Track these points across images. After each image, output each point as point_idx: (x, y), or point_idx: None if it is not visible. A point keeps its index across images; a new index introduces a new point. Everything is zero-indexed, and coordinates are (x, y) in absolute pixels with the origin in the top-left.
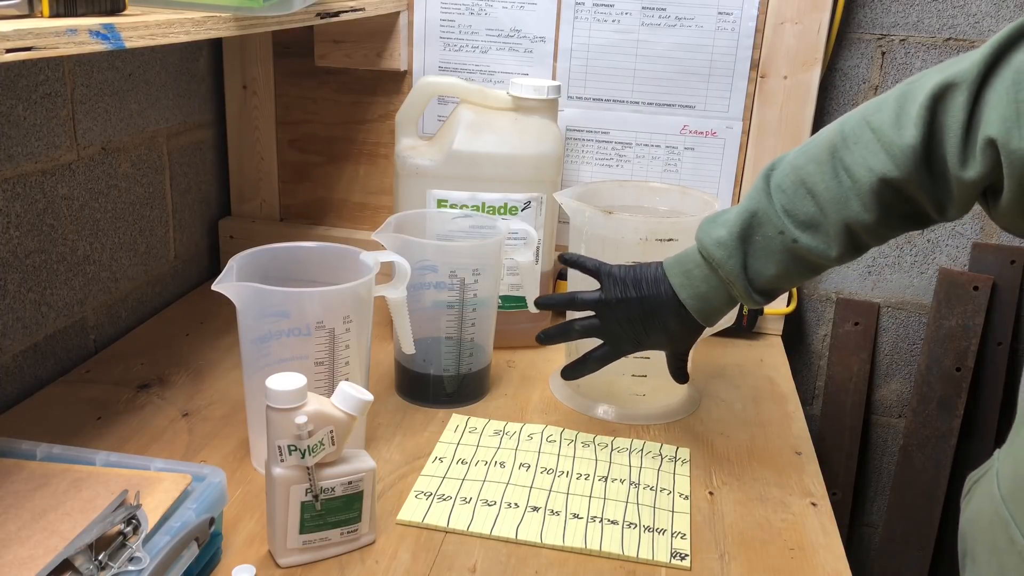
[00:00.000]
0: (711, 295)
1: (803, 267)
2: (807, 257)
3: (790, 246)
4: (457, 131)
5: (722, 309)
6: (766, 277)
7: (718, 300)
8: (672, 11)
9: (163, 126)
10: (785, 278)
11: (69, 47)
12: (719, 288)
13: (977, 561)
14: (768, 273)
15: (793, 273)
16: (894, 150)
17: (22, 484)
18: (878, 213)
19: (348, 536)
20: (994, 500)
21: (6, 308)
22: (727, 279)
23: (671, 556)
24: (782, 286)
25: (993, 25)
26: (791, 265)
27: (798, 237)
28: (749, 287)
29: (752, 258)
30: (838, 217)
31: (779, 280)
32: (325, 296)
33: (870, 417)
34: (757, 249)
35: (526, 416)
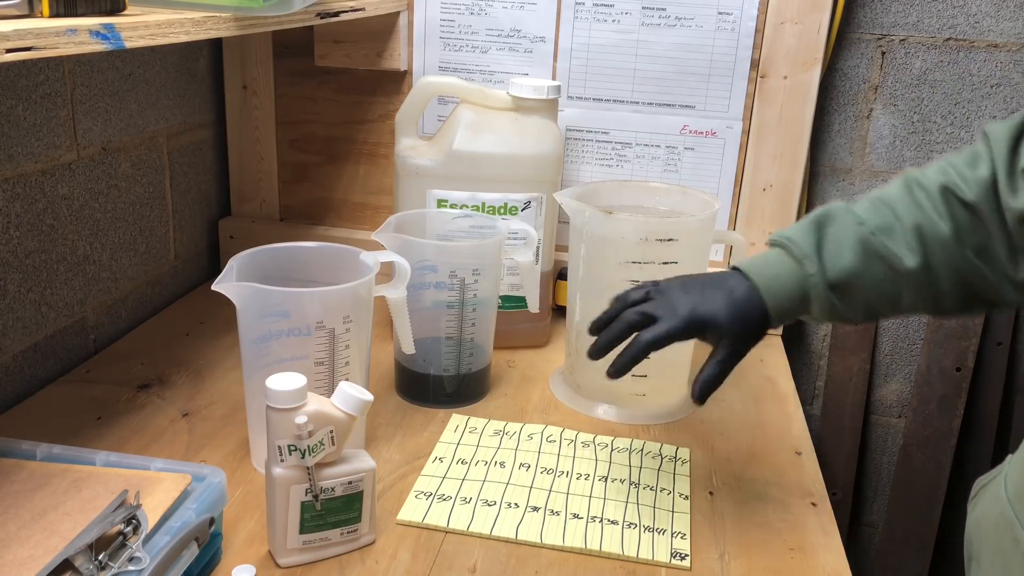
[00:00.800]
0: (783, 276)
1: (880, 271)
2: (885, 256)
3: (866, 236)
4: (457, 131)
5: (793, 298)
6: (842, 267)
7: (790, 283)
8: (672, 11)
9: (163, 126)
10: (861, 275)
11: (69, 47)
12: (793, 270)
13: (982, 563)
14: (844, 263)
15: (869, 273)
16: (966, 174)
17: (22, 484)
18: (951, 226)
19: (348, 536)
20: (1000, 502)
21: (6, 308)
22: (800, 257)
23: (671, 556)
24: (859, 287)
25: (993, 25)
26: (868, 262)
27: (875, 231)
28: (823, 272)
29: (827, 243)
30: (911, 220)
31: (856, 275)
32: (325, 296)
33: (870, 417)
34: (832, 235)
35: (526, 416)
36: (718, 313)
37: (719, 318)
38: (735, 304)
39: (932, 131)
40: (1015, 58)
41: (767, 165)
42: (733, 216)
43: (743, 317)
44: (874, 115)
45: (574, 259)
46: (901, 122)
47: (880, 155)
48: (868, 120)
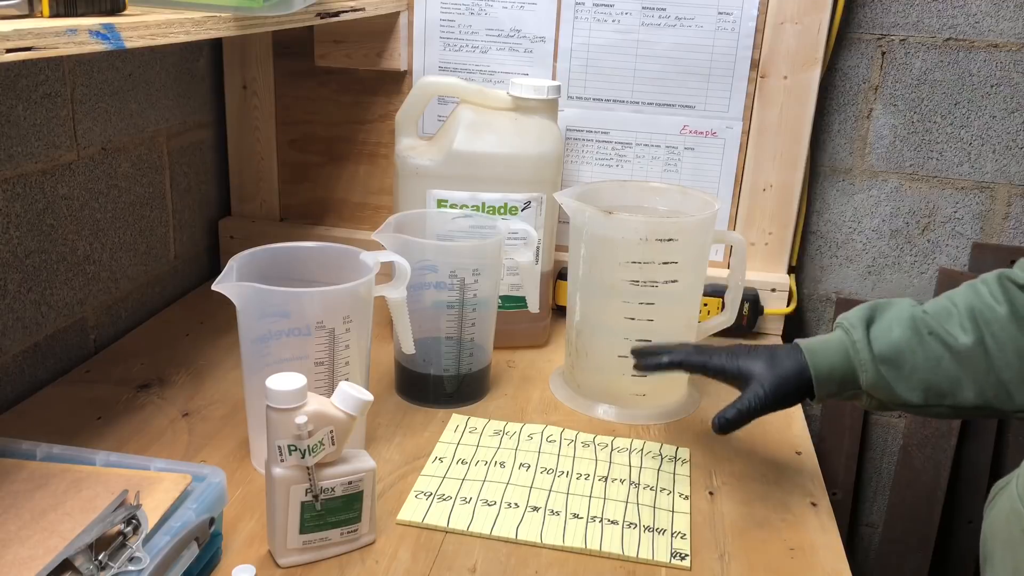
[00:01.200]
0: (831, 343)
1: (934, 348)
2: (938, 333)
3: (919, 315)
4: (457, 131)
5: (836, 365)
6: (890, 339)
7: (834, 349)
8: (672, 11)
9: (163, 126)
10: (913, 350)
11: (69, 47)
12: (840, 339)
13: (994, 561)
14: (893, 336)
15: (922, 349)
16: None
17: (22, 484)
18: (1008, 308)
19: (348, 536)
20: (1012, 499)
21: (6, 308)
22: (848, 328)
23: (671, 556)
24: (911, 363)
25: (993, 25)
26: (920, 338)
27: (929, 311)
28: (869, 342)
29: (880, 318)
30: (965, 304)
31: (906, 349)
32: (325, 296)
33: (870, 417)
34: (886, 313)
35: (526, 416)
36: (758, 362)
37: (758, 366)
38: (776, 360)
39: (932, 131)
40: (1015, 58)
41: (767, 165)
42: (733, 216)
43: (782, 374)
44: (874, 115)
45: (574, 259)
46: (901, 122)
47: (880, 155)
48: (868, 120)
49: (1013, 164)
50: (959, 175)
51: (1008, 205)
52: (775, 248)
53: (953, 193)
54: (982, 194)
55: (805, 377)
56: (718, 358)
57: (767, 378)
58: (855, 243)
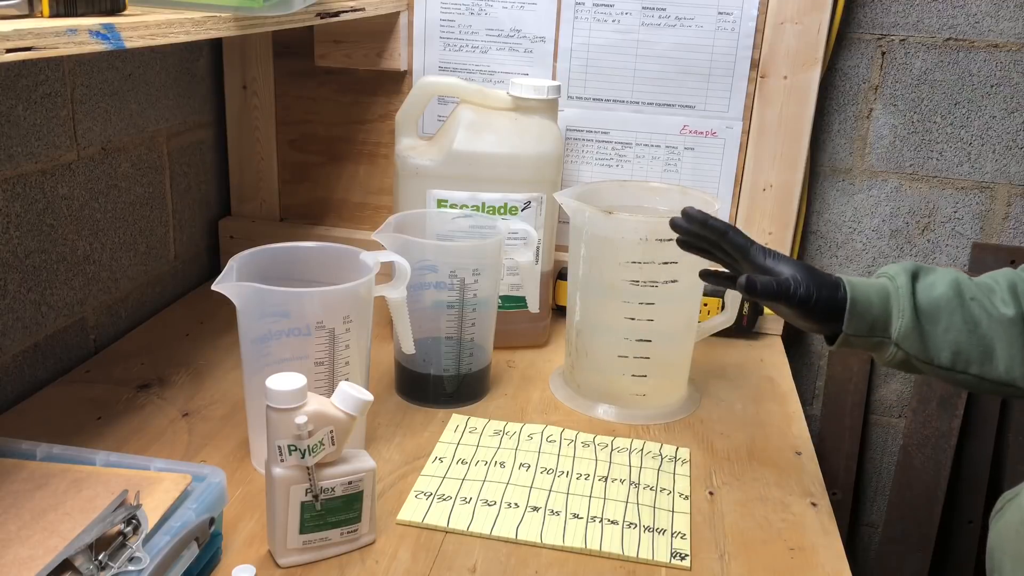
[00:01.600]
0: (872, 285)
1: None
2: (979, 300)
3: (964, 280)
4: (457, 131)
5: (874, 306)
6: (933, 295)
7: (874, 291)
8: (672, 11)
9: (163, 126)
10: (953, 310)
11: (69, 47)
12: (882, 284)
13: (1004, 573)
14: (936, 292)
15: (962, 310)
16: None
17: (22, 484)
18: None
19: (348, 536)
20: (1021, 510)
21: (6, 308)
22: (892, 276)
23: (671, 556)
24: (949, 322)
25: (993, 25)
26: (962, 301)
27: (973, 280)
28: (912, 294)
29: (924, 276)
30: (1006, 280)
31: (947, 307)
32: (325, 296)
33: (870, 417)
34: (931, 273)
35: (526, 416)
36: (797, 265)
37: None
38: (815, 272)
39: (932, 131)
40: (1015, 58)
41: (767, 165)
42: (733, 216)
43: (818, 282)
44: (874, 115)
45: (574, 259)
46: (901, 122)
47: (880, 155)
48: (868, 120)
49: (1013, 164)
50: (959, 175)
51: (1008, 205)
52: (775, 248)
53: (953, 193)
54: (982, 194)
55: (840, 300)
56: (759, 248)
57: (803, 280)
58: (855, 243)
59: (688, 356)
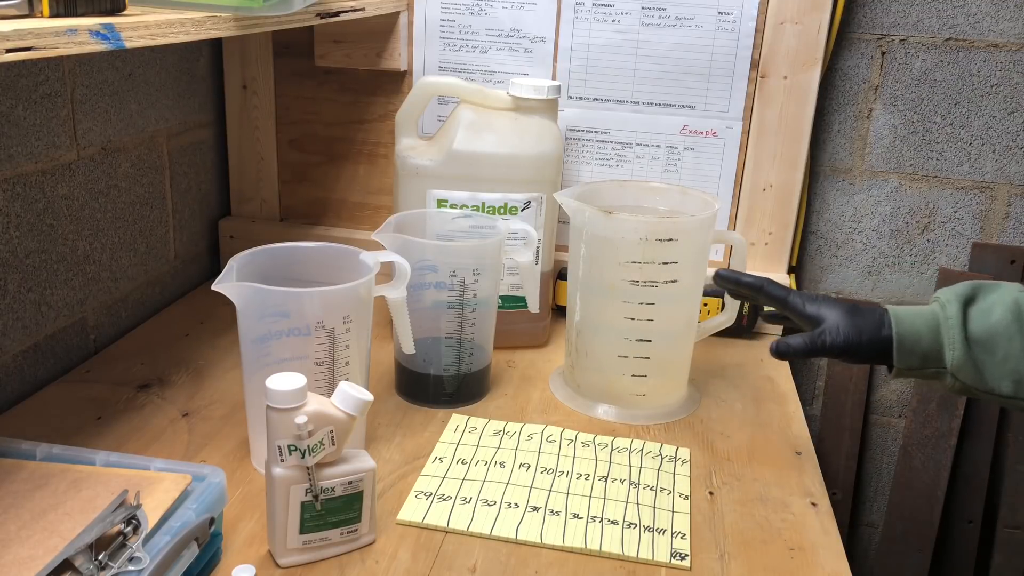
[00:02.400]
0: (921, 314)
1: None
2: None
3: (1022, 302)
4: (457, 131)
5: (922, 336)
6: (987, 322)
7: (923, 321)
8: (672, 11)
9: (163, 126)
10: (1011, 336)
11: (69, 47)
12: (933, 312)
13: None
14: (992, 319)
15: (1016, 336)
16: None
17: (22, 484)
18: None
19: (348, 536)
20: None
21: (6, 308)
22: (944, 303)
23: (671, 556)
24: (1007, 349)
25: (993, 25)
26: (1018, 327)
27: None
28: (964, 322)
29: (980, 300)
30: None
31: (1004, 334)
32: (325, 296)
33: (870, 417)
34: (987, 296)
35: (526, 416)
36: (837, 310)
37: (835, 314)
38: (858, 313)
39: (932, 131)
40: (1015, 58)
41: (767, 165)
42: (733, 216)
43: (860, 326)
44: (874, 115)
45: (574, 259)
46: (901, 122)
47: (880, 155)
48: (868, 120)
49: (1013, 164)
50: (959, 175)
51: (1008, 205)
52: (775, 248)
53: (953, 193)
54: (982, 194)
55: (885, 339)
56: (797, 296)
57: (843, 326)
58: (855, 243)
59: (688, 356)
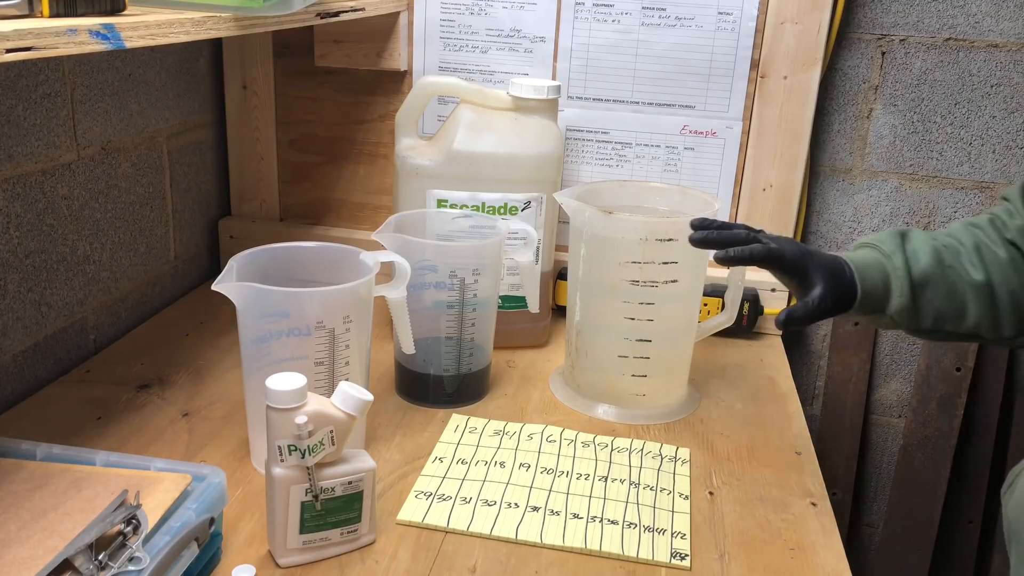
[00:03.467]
0: (872, 265)
1: (952, 278)
2: (954, 267)
3: (939, 248)
4: (457, 131)
5: (878, 286)
6: (921, 267)
7: (877, 272)
8: (672, 11)
9: (163, 126)
10: (936, 279)
11: (69, 47)
12: (880, 262)
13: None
14: (922, 264)
15: (943, 279)
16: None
17: (22, 484)
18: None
19: (348, 536)
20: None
21: (6, 308)
22: (888, 253)
23: (671, 556)
24: (933, 291)
25: (993, 25)
26: (942, 269)
27: (945, 245)
28: (908, 268)
29: (908, 246)
30: (971, 241)
31: (932, 276)
32: (325, 296)
33: (870, 417)
34: (912, 242)
35: (526, 416)
36: (820, 267)
37: (820, 272)
38: (834, 268)
39: (932, 131)
40: (1015, 58)
41: (767, 165)
42: (733, 216)
43: (839, 281)
44: (874, 115)
45: (574, 259)
46: (901, 122)
47: (880, 155)
48: (868, 120)
49: (1013, 164)
50: (959, 175)
51: None
52: None
53: (953, 193)
54: (982, 194)
55: (851, 293)
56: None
57: (830, 289)
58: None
59: (688, 356)
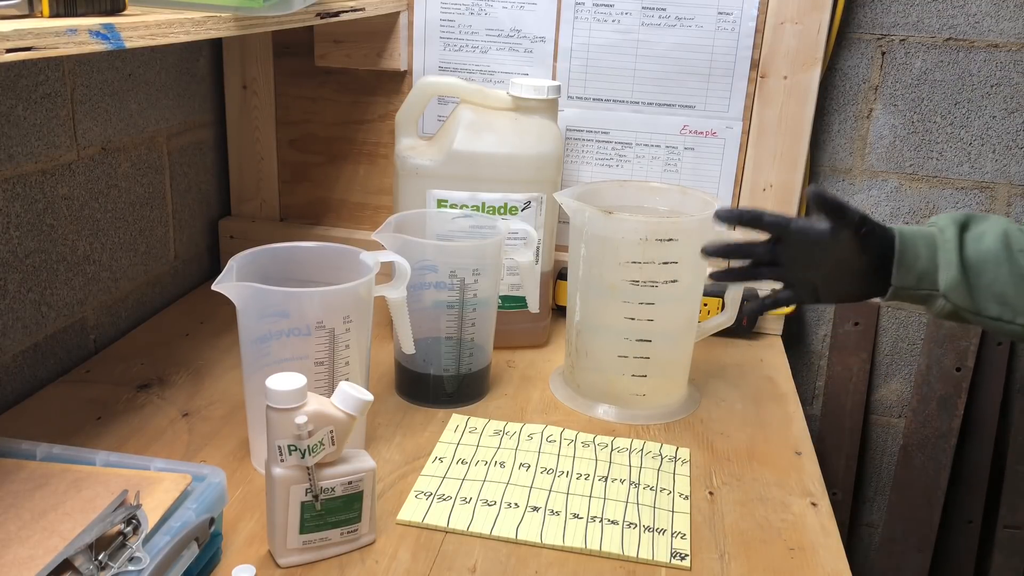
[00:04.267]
0: (921, 237)
1: (1017, 265)
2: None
3: (1012, 231)
4: (457, 131)
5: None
6: (979, 247)
7: (924, 243)
8: (672, 11)
9: (163, 126)
10: (1000, 262)
11: (69, 47)
12: (929, 234)
13: None
14: (983, 245)
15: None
16: None
17: (22, 484)
18: None
19: (348, 536)
20: None
21: (6, 308)
22: (942, 225)
23: (671, 556)
24: (995, 274)
25: (993, 25)
26: (1010, 253)
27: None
28: (961, 246)
29: (973, 227)
30: None
31: (988, 259)
32: (325, 296)
33: (870, 417)
34: (979, 224)
35: (526, 416)
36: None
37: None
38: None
39: (932, 131)
40: (1015, 58)
41: (767, 165)
42: None
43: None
44: (874, 115)
45: (574, 259)
46: (901, 122)
47: (880, 155)
48: (868, 120)
49: (1013, 164)
50: (959, 175)
51: (1008, 205)
52: None
53: (953, 193)
54: (982, 194)
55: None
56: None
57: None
58: None
59: (688, 356)
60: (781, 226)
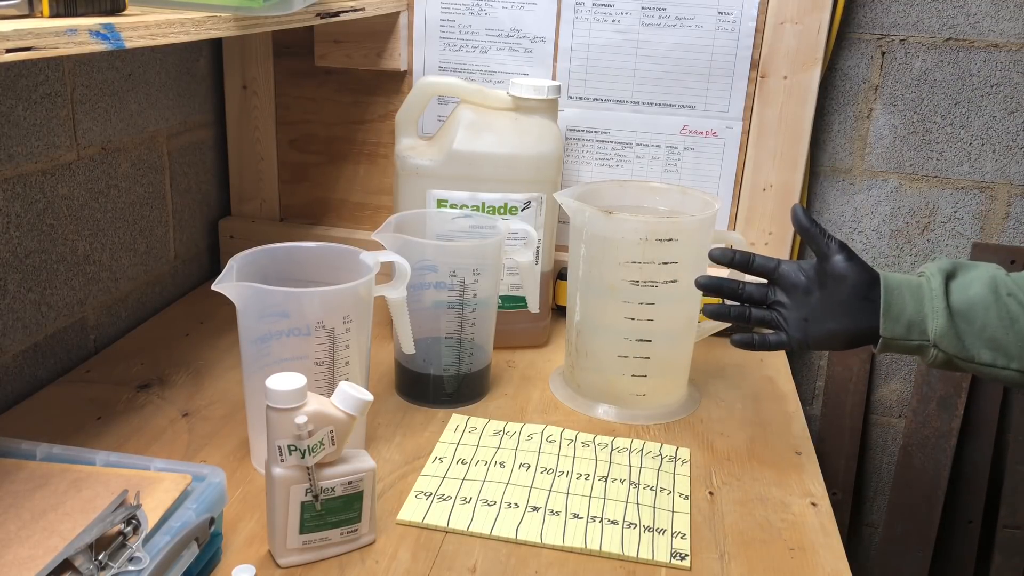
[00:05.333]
0: (905, 286)
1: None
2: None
3: (1001, 277)
4: (457, 131)
5: (910, 314)
6: (968, 296)
7: (911, 295)
8: (672, 11)
9: (163, 126)
10: (987, 306)
11: (69, 47)
12: (917, 284)
13: None
14: (971, 292)
15: (997, 306)
16: None
17: (22, 484)
18: None
19: (348, 536)
20: None
21: (6, 308)
22: (929, 274)
23: (671, 556)
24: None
25: (993, 25)
26: (998, 298)
27: (1011, 276)
28: (947, 293)
29: (960, 275)
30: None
31: (977, 304)
32: (325, 296)
33: (870, 417)
34: (967, 271)
35: (526, 416)
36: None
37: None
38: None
39: (932, 131)
40: (1015, 58)
41: (767, 165)
42: (733, 216)
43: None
44: (874, 115)
45: (574, 259)
46: (901, 122)
47: (880, 155)
48: (868, 120)
49: (1013, 164)
50: (959, 175)
51: (1008, 205)
52: (775, 248)
53: (953, 193)
54: (982, 194)
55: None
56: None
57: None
58: (855, 243)
59: (688, 356)
60: (769, 269)
